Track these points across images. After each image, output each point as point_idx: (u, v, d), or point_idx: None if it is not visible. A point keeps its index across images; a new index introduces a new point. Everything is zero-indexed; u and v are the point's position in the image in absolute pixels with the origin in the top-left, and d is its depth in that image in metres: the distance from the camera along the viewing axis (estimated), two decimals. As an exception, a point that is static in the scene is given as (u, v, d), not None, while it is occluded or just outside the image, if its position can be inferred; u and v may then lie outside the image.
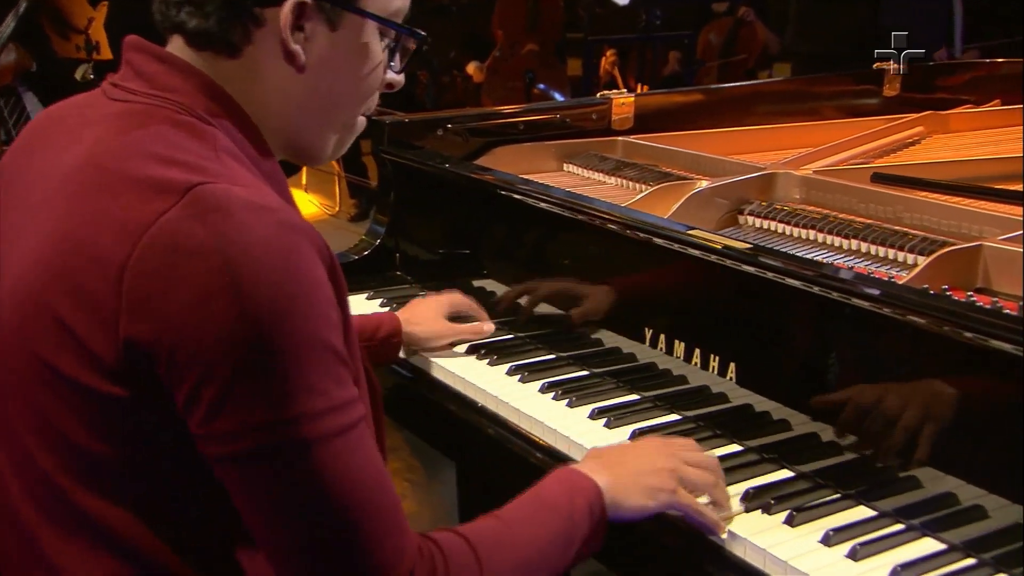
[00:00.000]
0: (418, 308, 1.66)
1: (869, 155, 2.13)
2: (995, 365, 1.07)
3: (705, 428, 1.35)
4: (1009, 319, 1.13)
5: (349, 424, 0.93)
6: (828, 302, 1.21)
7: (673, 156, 2.07)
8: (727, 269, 1.33)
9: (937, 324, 1.10)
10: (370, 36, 1.03)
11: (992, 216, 1.55)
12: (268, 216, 0.90)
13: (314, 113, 1.04)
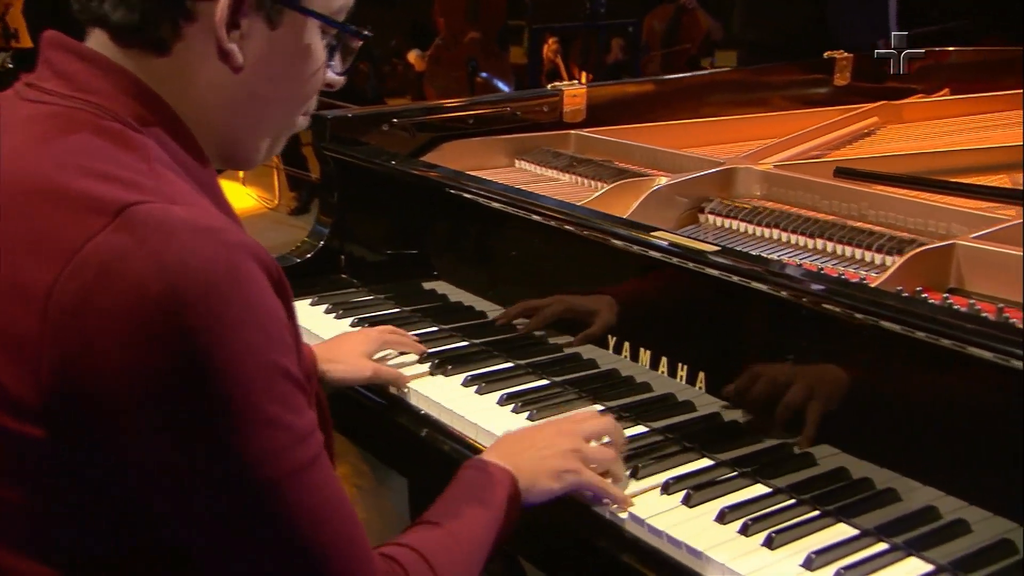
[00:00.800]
0: (341, 345, 1.50)
1: (827, 147, 2.08)
2: (975, 371, 1.02)
3: (673, 442, 1.29)
4: (989, 325, 1.08)
5: (313, 456, 0.86)
6: (799, 308, 1.15)
7: (628, 151, 2.00)
8: (694, 273, 1.27)
9: (912, 330, 1.05)
10: (312, 35, 0.95)
11: (959, 212, 1.51)
12: (211, 238, 0.81)
13: (251, 116, 0.95)
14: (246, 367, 0.80)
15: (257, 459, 0.81)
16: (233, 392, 0.80)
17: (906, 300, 1.16)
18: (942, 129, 2.31)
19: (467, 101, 2.07)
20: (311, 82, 0.97)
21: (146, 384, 0.78)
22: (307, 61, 0.95)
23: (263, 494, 0.82)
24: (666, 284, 1.35)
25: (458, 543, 1.02)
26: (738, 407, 1.25)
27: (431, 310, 1.73)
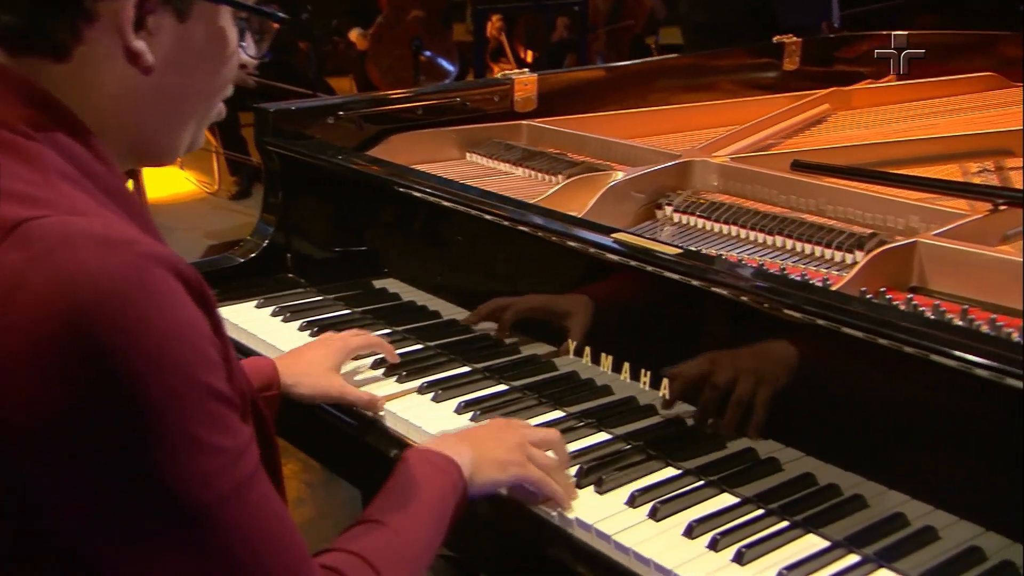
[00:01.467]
0: (303, 358, 1.39)
1: (781, 135, 2.07)
2: (942, 378, 1.00)
3: (636, 450, 1.25)
4: (954, 332, 1.07)
5: (248, 475, 0.81)
6: (762, 314, 1.12)
7: (582, 142, 1.96)
8: (653, 276, 1.23)
9: (875, 337, 1.03)
10: (225, 21, 0.89)
11: (916, 207, 1.49)
12: (118, 249, 0.75)
13: (165, 114, 0.89)
14: (167, 387, 0.74)
15: (186, 486, 0.76)
16: (154, 415, 0.74)
17: (872, 306, 1.14)
18: (891, 115, 2.30)
19: (415, 91, 2.01)
20: (226, 69, 0.91)
21: (58, 413, 0.73)
22: (221, 49, 0.90)
23: (196, 521, 0.77)
24: (624, 286, 1.32)
25: (403, 541, 0.99)
26: (702, 413, 1.22)
27: (383, 311, 1.67)
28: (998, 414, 0.97)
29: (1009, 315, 1.20)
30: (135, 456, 0.74)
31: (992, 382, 0.95)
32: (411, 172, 1.66)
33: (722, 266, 1.23)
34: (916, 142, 1.90)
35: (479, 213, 1.47)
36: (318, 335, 1.61)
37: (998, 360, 0.94)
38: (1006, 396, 0.94)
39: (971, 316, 1.18)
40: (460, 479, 1.08)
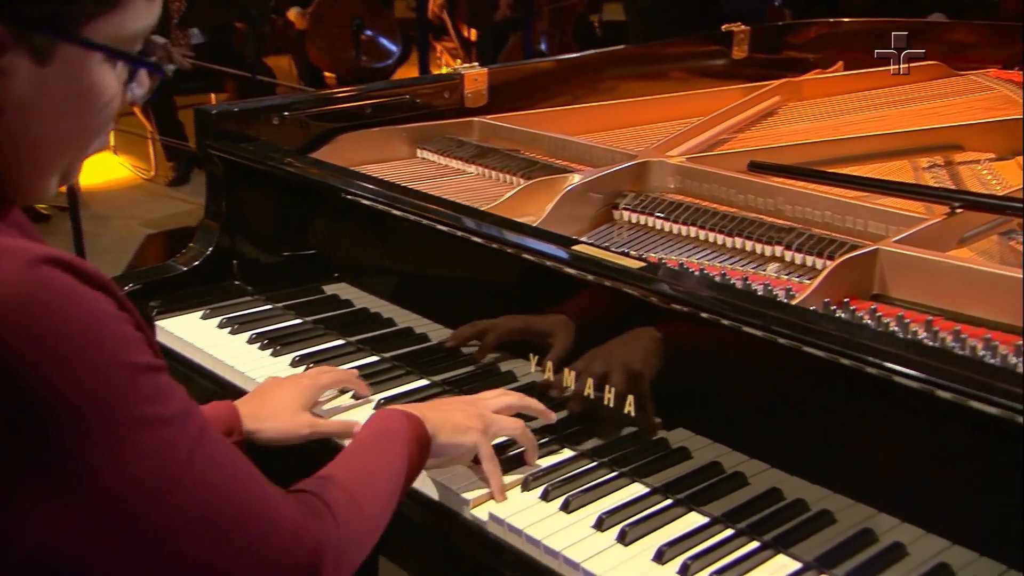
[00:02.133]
0: (268, 400, 1.28)
1: (735, 129, 2.05)
2: (909, 400, 0.99)
3: (602, 466, 1.23)
4: (916, 350, 1.06)
5: (198, 431, 0.82)
6: (727, 331, 1.10)
7: (535, 139, 1.92)
8: (616, 291, 1.20)
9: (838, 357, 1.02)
10: (98, 69, 0.80)
11: (874, 210, 1.48)
12: (10, 257, 0.74)
13: (24, 157, 0.81)
14: (92, 380, 0.75)
15: (148, 465, 0.77)
16: (90, 410, 0.74)
17: (840, 325, 1.12)
18: (841, 107, 2.30)
19: (362, 89, 1.94)
20: (101, 116, 0.83)
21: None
22: (94, 99, 0.81)
23: (168, 492, 0.79)
24: (584, 299, 1.28)
25: (373, 477, 1.03)
26: (666, 427, 1.20)
27: (335, 320, 1.62)
28: (966, 436, 0.96)
29: (972, 324, 1.20)
30: (83, 454, 0.74)
31: (955, 404, 0.94)
32: (360, 178, 1.60)
33: (688, 284, 1.20)
34: (867, 138, 1.89)
35: (432, 223, 1.43)
36: (268, 347, 1.55)
37: (962, 383, 0.93)
38: (972, 417, 0.93)
39: (935, 328, 1.18)
40: (424, 434, 1.12)
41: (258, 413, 1.26)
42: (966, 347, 1.13)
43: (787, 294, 1.29)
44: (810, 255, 1.42)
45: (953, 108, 2.25)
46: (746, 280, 1.33)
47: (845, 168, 1.82)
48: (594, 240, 1.59)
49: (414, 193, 1.54)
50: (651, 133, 2.08)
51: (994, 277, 1.22)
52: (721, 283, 1.29)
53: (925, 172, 1.84)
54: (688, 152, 1.83)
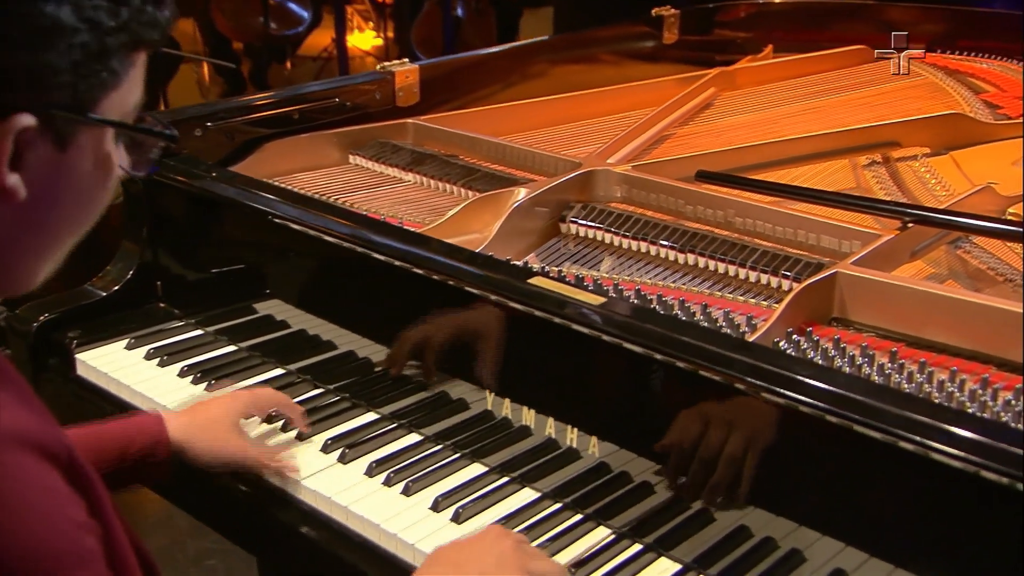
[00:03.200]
0: (201, 417, 1.22)
1: (676, 125, 2.01)
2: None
3: (571, 507, 1.19)
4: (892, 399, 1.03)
5: None
6: (704, 381, 1.07)
7: (473, 144, 1.85)
8: (579, 334, 1.15)
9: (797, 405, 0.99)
10: (108, 143, 0.77)
11: (827, 224, 1.46)
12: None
13: (30, 246, 0.77)
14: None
15: None
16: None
17: (815, 371, 1.09)
18: (775, 96, 2.28)
19: (289, 94, 1.84)
20: (106, 193, 0.80)
21: None
22: (106, 174, 0.78)
23: None
24: (531, 332, 1.22)
25: None
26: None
27: (271, 345, 1.54)
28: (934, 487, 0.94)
29: (935, 351, 1.19)
30: None
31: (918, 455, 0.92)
32: (286, 200, 1.50)
33: (660, 326, 1.14)
34: (808, 139, 1.87)
35: (366, 251, 1.35)
36: (201, 381, 1.47)
37: (926, 435, 0.91)
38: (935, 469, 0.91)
39: (901, 360, 1.16)
40: None
41: (187, 426, 1.20)
42: (933, 381, 1.12)
43: (748, 322, 1.25)
44: (764, 273, 1.39)
45: (884, 98, 2.25)
46: (706, 308, 1.29)
47: (787, 170, 1.81)
48: (542, 257, 1.54)
49: (347, 215, 1.47)
50: (591, 131, 2.02)
51: (953, 302, 1.21)
52: (688, 323, 1.23)
53: (865, 171, 1.84)
54: (632, 156, 1.78)
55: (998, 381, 1.12)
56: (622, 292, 1.34)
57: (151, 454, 1.17)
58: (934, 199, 1.69)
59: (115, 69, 0.74)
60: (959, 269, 1.46)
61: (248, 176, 1.60)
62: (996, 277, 1.41)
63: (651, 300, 1.31)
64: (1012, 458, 0.85)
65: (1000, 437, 0.88)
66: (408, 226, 1.55)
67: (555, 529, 1.14)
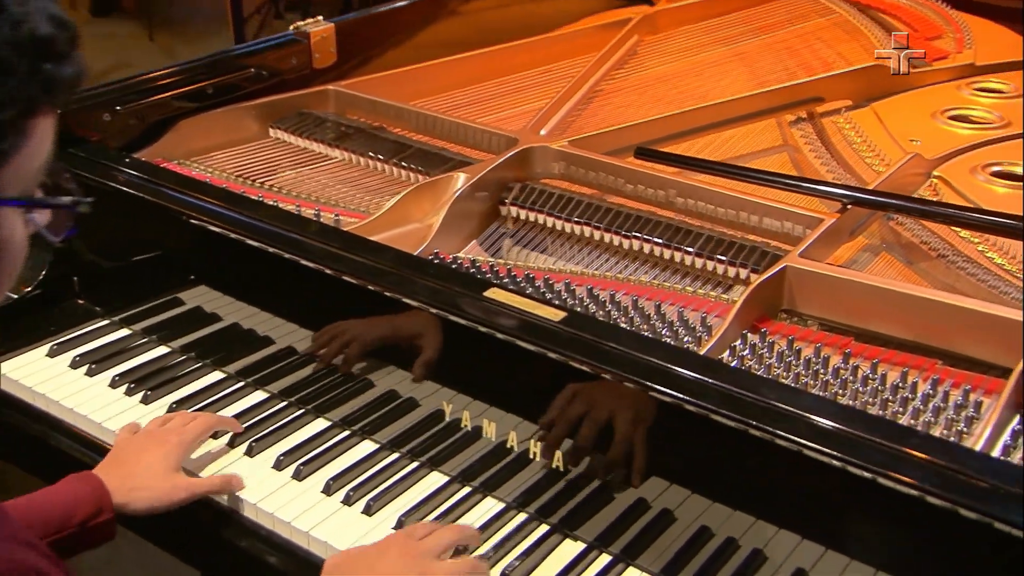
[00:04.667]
0: (134, 466, 1.16)
1: (603, 79, 1.97)
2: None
3: (534, 519, 1.19)
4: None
5: None
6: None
7: (399, 114, 1.78)
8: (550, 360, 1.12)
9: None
10: (10, 222, 0.71)
11: (769, 207, 1.46)
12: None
13: None
14: None
15: None
16: None
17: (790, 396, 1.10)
18: (696, 40, 2.25)
19: (202, 64, 1.71)
20: (15, 267, 0.75)
21: None
22: (10, 255, 0.73)
23: None
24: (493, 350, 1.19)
25: None
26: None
27: (207, 344, 1.47)
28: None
29: (883, 345, 1.22)
30: None
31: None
32: (205, 197, 1.42)
33: (618, 345, 1.11)
34: (736, 101, 1.86)
35: (303, 262, 1.29)
36: (136, 391, 1.40)
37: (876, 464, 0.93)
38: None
39: (854, 362, 1.19)
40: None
41: (125, 482, 1.15)
42: (886, 384, 1.15)
43: (703, 323, 1.26)
44: (710, 260, 1.39)
45: (804, 40, 2.25)
46: (659, 307, 1.29)
47: (718, 132, 1.80)
48: (486, 245, 1.51)
49: (274, 216, 1.38)
50: (515, 89, 1.97)
51: (902, 296, 1.24)
52: (653, 342, 1.19)
53: (792, 129, 1.85)
54: (566, 124, 1.74)
55: (946, 378, 1.16)
56: (573, 291, 1.32)
57: (96, 514, 1.11)
58: (861, 160, 1.71)
59: (5, 147, 0.67)
60: (892, 241, 1.49)
61: (162, 169, 1.50)
62: (929, 252, 1.45)
63: (604, 301, 1.30)
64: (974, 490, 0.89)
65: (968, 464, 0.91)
66: (346, 216, 1.49)
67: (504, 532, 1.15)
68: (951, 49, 2.17)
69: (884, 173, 1.64)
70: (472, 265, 1.39)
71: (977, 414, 1.09)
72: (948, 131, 1.82)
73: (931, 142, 1.76)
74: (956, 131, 1.82)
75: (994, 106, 1.90)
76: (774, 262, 1.34)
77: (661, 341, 1.21)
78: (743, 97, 1.87)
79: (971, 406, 1.10)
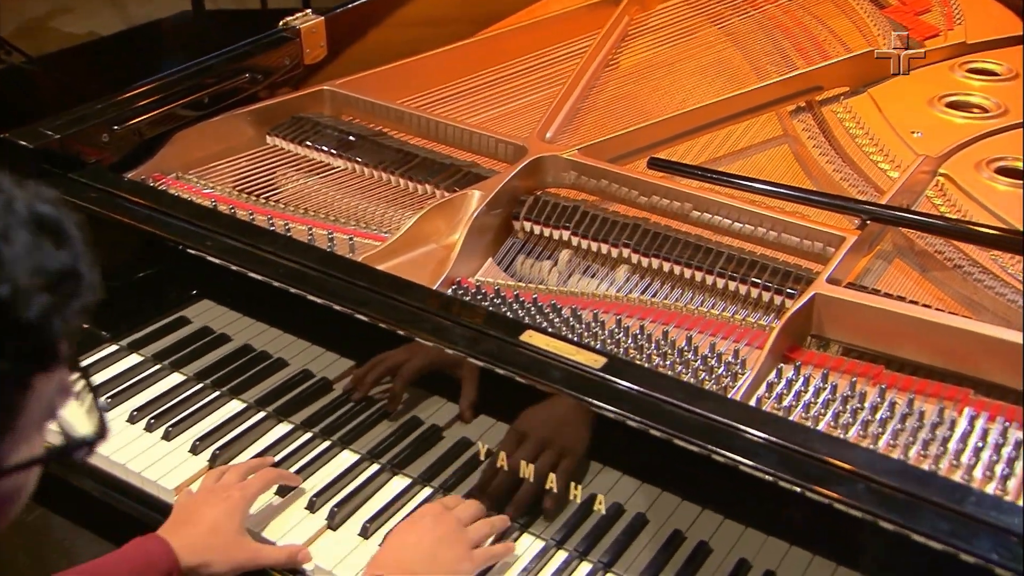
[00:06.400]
0: (200, 527, 1.13)
1: (603, 67, 1.93)
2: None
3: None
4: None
5: None
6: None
7: (400, 117, 1.73)
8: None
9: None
10: (15, 481, 0.67)
11: (787, 222, 1.45)
12: None
13: None
14: None
15: None
16: None
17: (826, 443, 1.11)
18: (690, 22, 2.21)
19: (193, 71, 1.64)
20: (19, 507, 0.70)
21: None
22: (9, 506, 0.68)
23: None
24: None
25: None
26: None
27: (221, 369, 1.43)
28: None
29: (916, 374, 1.24)
30: None
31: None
32: (214, 228, 1.37)
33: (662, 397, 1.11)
34: (739, 96, 1.84)
35: (320, 302, 1.26)
36: (157, 427, 1.37)
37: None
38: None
39: (890, 396, 1.20)
40: None
41: (196, 547, 1.12)
42: (924, 422, 1.16)
43: (736, 357, 1.26)
44: (732, 280, 1.39)
45: (794, 18, 2.22)
46: (690, 341, 1.28)
47: (721, 128, 1.78)
48: (503, 264, 1.49)
49: (287, 246, 1.34)
50: (514, 77, 1.92)
51: (932, 325, 1.25)
52: (698, 391, 1.16)
53: (794, 120, 1.83)
54: (569, 124, 1.71)
55: (981, 411, 1.17)
56: (603, 324, 1.31)
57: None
58: (866, 157, 1.70)
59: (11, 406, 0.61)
60: (906, 247, 1.50)
61: (166, 195, 1.45)
62: (945, 262, 1.46)
63: (636, 335, 1.29)
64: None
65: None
66: (360, 237, 1.46)
67: None
68: (941, 25, 2.16)
69: (889, 171, 1.65)
70: (497, 295, 1.37)
71: (1017, 453, 1.11)
72: (947, 121, 1.82)
73: (932, 134, 1.76)
74: (955, 120, 1.82)
75: (989, 90, 1.91)
76: (799, 282, 1.34)
77: (707, 392, 1.19)
78: (745, 92, 1.85)
79: (1011, 443, 1.12)
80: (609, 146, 1.63)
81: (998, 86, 1.92)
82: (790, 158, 1.75)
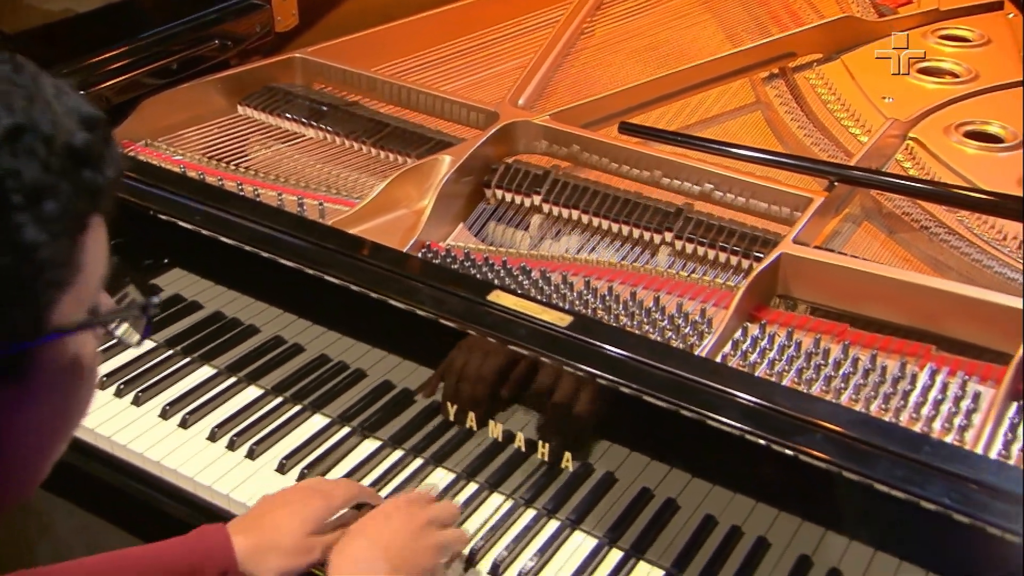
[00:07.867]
0: (271, 532, 1.07)
1: (577, 35, 1.93)
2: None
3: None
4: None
5: None
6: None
7: (372, 84, 1.72)
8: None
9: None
10: (77, 345, 0.66)
11: (757, 185, 1.46)
12: None
13: (19, 466, 0.68)
14: None
15: None
16: None
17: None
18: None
19: (161, 37, 1.63)
20: (92, 386, 0.69)
21: None
22: (82, 377, 0.67)
23: None
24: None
25: None
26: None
27: (190, 336, 1.43)
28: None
29: (880, 332, 1.25)
30: None
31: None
32: (184, 193, 1.36)
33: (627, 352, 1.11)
34: (713, 62, 1.84)
35: (292, 265, 1.26)
36: (124, 394, 1.36)
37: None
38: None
39: (853, 352, 1.21)
40: None
41: (258, 545, 1.06)
42: (887, 377, 1.18)
43: (703, 316, 1.27)
44: (701, 245, 1.39)
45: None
46: (658, 301, 1.29)
47: (693, 95, 1.78)
48: (473, 229, 1.49)
49: (256, 210, 1.33)
50: (488, 44, 1.92)
51: (899, 283, 1.26)
52: (661, 347, 1.17)
53: (766, 87, 1.84)
54: (542, 91, 1.71)
55: (942, 366, 1.19)
56: (572, 285, 1.32)
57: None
58: (837, 123, 1.71)
59: (64, 275, 0.61)
60: (874, 210, 1.51)
61: (133, 160, 1.44)
62: (912, 223, 1.47)
63: (604, 295, 1.30)
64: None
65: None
66: (330, 203, 1.46)
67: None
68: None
69: (859, 136, 1.65)
70: (467, 258, 1.38)
71: (975, 405, 1.13)
72: (918, 86, 1.83)
73: (903, 99, 1.77)
74: (926, 86, 1.83)
75: (960, 56, 1.92)
76: (766, 246, 1.35)
77: (672, 349, 1.19)
78: (719, 58, 1.85)
79: (969, 396, 1.14)
80: (581, 112, 1.63)
81: (968, 51, 1.93)
82: (762, 124, 1.76)
